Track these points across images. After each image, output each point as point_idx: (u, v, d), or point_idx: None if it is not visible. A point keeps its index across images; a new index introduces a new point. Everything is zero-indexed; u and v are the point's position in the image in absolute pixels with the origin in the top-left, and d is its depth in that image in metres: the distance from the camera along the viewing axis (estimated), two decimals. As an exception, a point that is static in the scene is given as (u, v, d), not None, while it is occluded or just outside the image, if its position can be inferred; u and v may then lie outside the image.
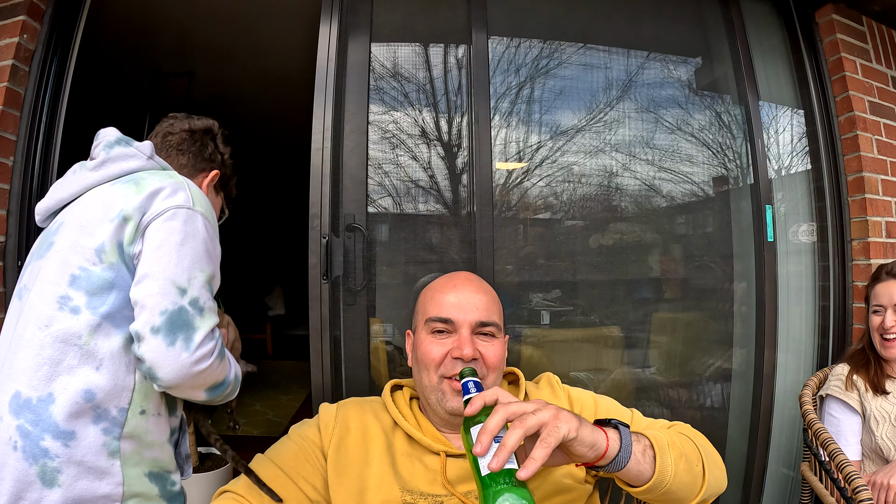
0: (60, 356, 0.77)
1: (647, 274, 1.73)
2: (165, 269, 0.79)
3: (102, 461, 0.77)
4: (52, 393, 0.76)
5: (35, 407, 0.76)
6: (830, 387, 1.47)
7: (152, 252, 0.80)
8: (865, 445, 1.41)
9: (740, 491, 1.74)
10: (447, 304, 0.90)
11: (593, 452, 0.65)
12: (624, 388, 1.70)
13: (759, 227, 1.72)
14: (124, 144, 0.92)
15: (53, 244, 0.85)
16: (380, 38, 1.55)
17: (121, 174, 0.89)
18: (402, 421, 0.89)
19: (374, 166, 1.50)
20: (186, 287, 0.79)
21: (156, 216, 0.82)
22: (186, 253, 0.81)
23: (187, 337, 0.77)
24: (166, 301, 0.77)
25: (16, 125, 1.54)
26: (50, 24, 1.59)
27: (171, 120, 1.08)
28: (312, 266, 1.42)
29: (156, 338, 0.76)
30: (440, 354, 0.87)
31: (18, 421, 0.76)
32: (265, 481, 0.81)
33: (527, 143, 1.64)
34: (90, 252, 0.81)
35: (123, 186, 0.86)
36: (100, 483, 0.77)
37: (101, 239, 0.81)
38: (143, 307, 0.78)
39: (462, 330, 0.88)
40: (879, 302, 1.46)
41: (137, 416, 0.80)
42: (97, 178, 0.89)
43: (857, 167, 1.78)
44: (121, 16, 2.31)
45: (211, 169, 1.10)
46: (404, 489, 0.82)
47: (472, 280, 0.96)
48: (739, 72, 1.77)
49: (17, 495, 0.74)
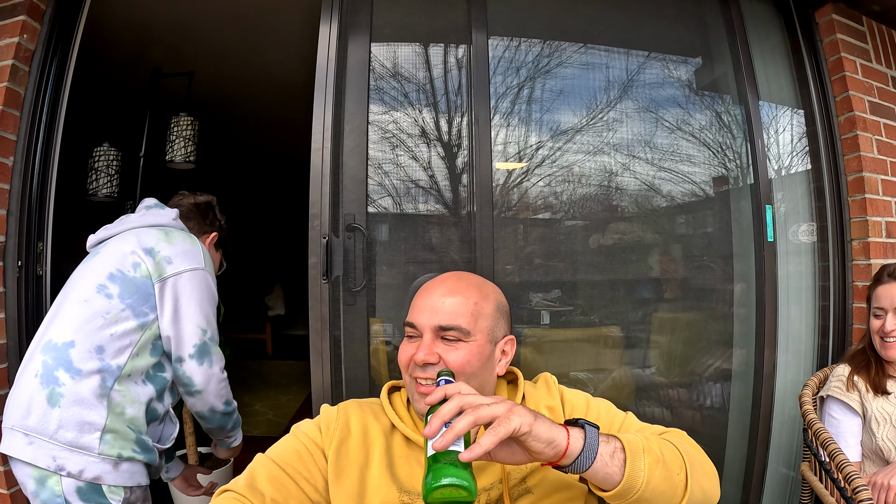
0: (90, 319, 1.11)
1: (647, 274, 1.73)
2: (194, 317, 1.21)
3: (94, 398, 1.07)
4: (74, 341, 1.09)
5: (59, 348, 1.09)
6: (831, 388, 1.47)
7: (183, 302, 1.20)
8: (866, 447, 1.41)
9: (740, 491, 1.74)
10: (415, 308, 0.91)
11: (552, 449, 0.65)
12: (624, 388, 1.70)
13: (759, 227, 1.72)
14: (160, 207, 1.37)
15: (99, 253, 1.23)
16: (380, 38, 1.55)
17: (154, 224, 1.30)
18: (399, 423, 0.89)
19: (374, 166, 1.50)
20: (206, 328, 1.23)
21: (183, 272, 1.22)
22: (205, 305, 1.24)
23: (210, 360, 1.22)
24: (195, 338, 1.20)
25: (16, 125, 1.54)
26: (50, 24, 1.59)
27: (180, 197, 1.53)
28: (312, 266, 1.42)
29: (192, 361, 1.19)
30: (407, 357, 0.88)
31: (44, 357, 1.09)
32: (266, 481, 0.81)
33: (527, 144, 1.64)
34: (128, 264, 1.18)
35: (156, 231, 1.26)
36: (89, 412, 1.06)
37: (136, 259, 1.19)
38: (181, 341, 1.19)
39: (424, 334, 0.87)
40: (880, 304, 1.44)
41: (126, 377, 1.12)
42: (137, 222, 1.29)
43: (857, 167, 1.78)
44: (121, 16, 2.31)
45: (211, 231, 1.52)
46: (402, 490, 0.82)
47: (449, 281, 0.92)
48: (739, 72, 1.77)
49: (28, 410, 1.05)
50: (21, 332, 1.53)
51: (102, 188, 2.68)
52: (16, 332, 1.52)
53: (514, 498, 0.84)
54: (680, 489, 0.72)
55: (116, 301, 1.14)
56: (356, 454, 0.85)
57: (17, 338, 1.52)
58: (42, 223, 1.61)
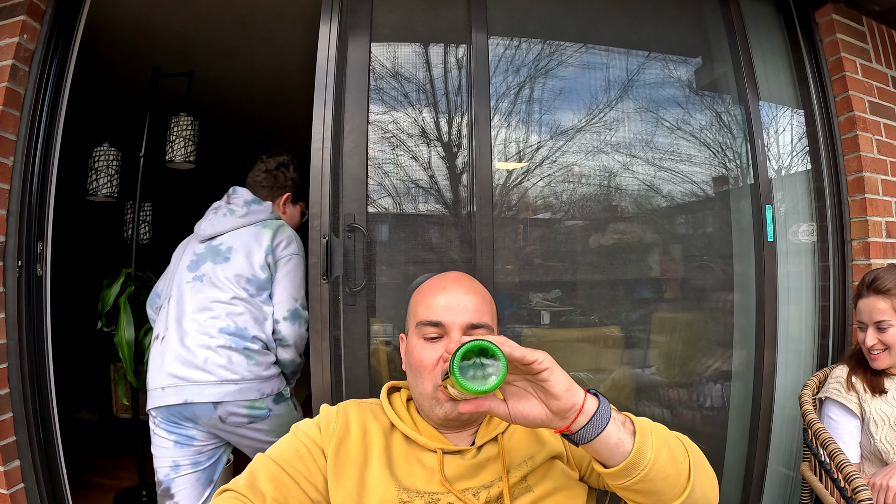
0: (244, 311, 1.53)
1: (647, 274, 1.73)
2: (288, 289, 1.59)
3: (266, 351, 1.55)
4: (247, 328, 1.52)
5: (241, 331, 1.51)
6: (829, 389, 1.47)
7: (281, 280, 1.59)
8: (864, 448, 1.41)
9: (740, 491, 1.74)
10: (437, 307, 0.88)
11: (570, 398, 0.65)
12: (624, 388, 1.70)
13: (759, 227, 1.72)
14: (256, 202, 1.70)
15: (229, 260, 1.57)
16: (380, 38, 1.55)
17: (256, 221, 1.66)
18: (399, 423, 0.89)
19: (374, 166, 1.50)
20: (297, 297, 1.60)
21: (284, 258, 1.61)
22: (297, 280, 1.61)
23: (300, 322, 1.57)
24: (290, 304, 1.58)
25: (16, 125, 1.54)
26: (50, 24, 1.59)
27: (255, 171, 1.81)
28: (312, 266, 1.43)
29: (286, 321, 1.56)
30: (433, 360, 0.85)
31: (228, 337, 1.49)
32: (266, 480, 0.81)
33: (527, 143, 1.64)
34: (256, 267, 1.57)
35: (263, 230, 1.63)
36: (265, 358, 1.54)
37: (259, 261, 1.57)
38: (279, 305, 1.57)
39: (452, 333, 0.86)
40: (861, 318, 1.42)
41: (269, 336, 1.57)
42: (244, 222, 1.64)
43: (857, 167, 1.78)
44: (121, 16, 2.31)
45: (283, 193, 1.81)
46: (401, 488, 0.82)
47: (463, 280, 0.93)
48: (739, 72, 1.77)
49: (229, 359, 1.48)
50: (21, 332, 1.53)
51: (102, 188, 2.68)
52: (16, 332, 1.52)
53: (514, 496, 0.84)
54: (683, 479, 0.70)
55: (257, 297, 1.57)
56: (355, 453, 0.85)
57: (17, 338, 1.52)
58: (42, 223, 1.61)
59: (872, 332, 1.39)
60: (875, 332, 1.38)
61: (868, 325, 1.40)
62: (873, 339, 1.38)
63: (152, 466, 1.58)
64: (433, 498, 0.82)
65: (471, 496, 0.82)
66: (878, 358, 1.39)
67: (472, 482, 0.84)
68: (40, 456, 1.56)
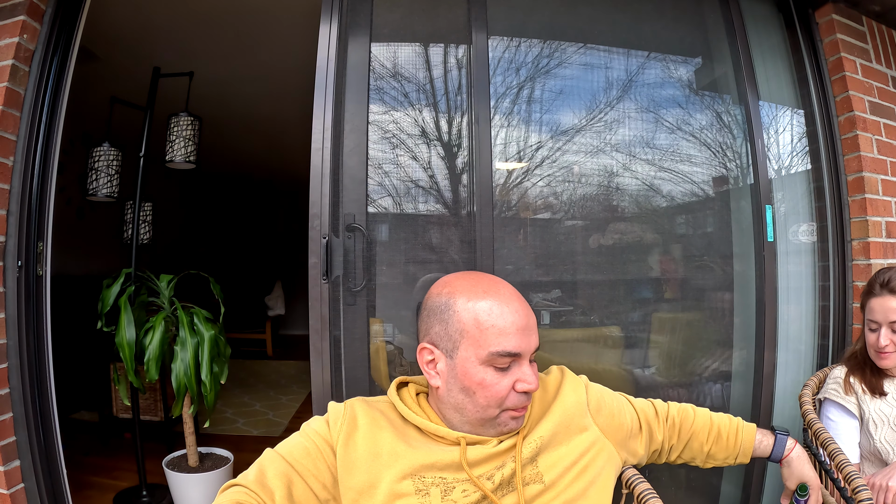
0: None
1: (647, 274, 1.73)
2: None
3: None
4: None
5: None
6: (828, 390, 1.47)
7: None
8: (864, 448, 1.41)
9: (740, 491, 1.74)
10: (513, 335, 0.82)
11: None
12: (624, 388, 1.69)
13: (759, 227, 1.72)
14: None
15: None
16: (380, 38, 1.55)
17: None
18: (412, 416, 0.89)
19: (374, 166, 1.50)
20: None
21: None
22: None
23: None
24: None
25: (16, 125, 1.54)
26: (50, 24, 1.59)
27: None
28: (312, 266, 1.42)
29: None
30: (507, 390, 0.83)
31: None
32: (276, 477, 0.81)
33: (527, 143, 1.64)
34: None
35: None
36: None
37: None
38: None
39: (525, 360, 0.83)
40: (874, 318, 1.39)
41: None
42: None
43: (857, 167, 1.78)
44: (121, 16, 2.31)
45: None
46: (416, 477, 0.83)
47: (514, 292, 0.87)
48: (739, 72, 1.77)
49: None
50: (21, 332, 1.53)
51: (102, 188, 2.68)
52: (16, 332, 1.52)
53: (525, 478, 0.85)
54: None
55: None
56: (365, 447, 0.86)
57: (17, 338, 1.52)
58: (42, 223, 1.61)
59: (887, 331, 1.36)
60: (889, 333, 1.36)
61: (881, 325, 1.38)
62: (887, 340, 1.36)
63: (152, 467, 1.58)
64: (448, 486, 0.83)
65: (485, 480, 0.83)
66: (889, 357, 1.38)
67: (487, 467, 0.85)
68: (40, 456, 1.56)
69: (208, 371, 2.12)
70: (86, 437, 3.00)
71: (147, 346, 2.11)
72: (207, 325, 2.17)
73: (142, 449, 2.31)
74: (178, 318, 2.18)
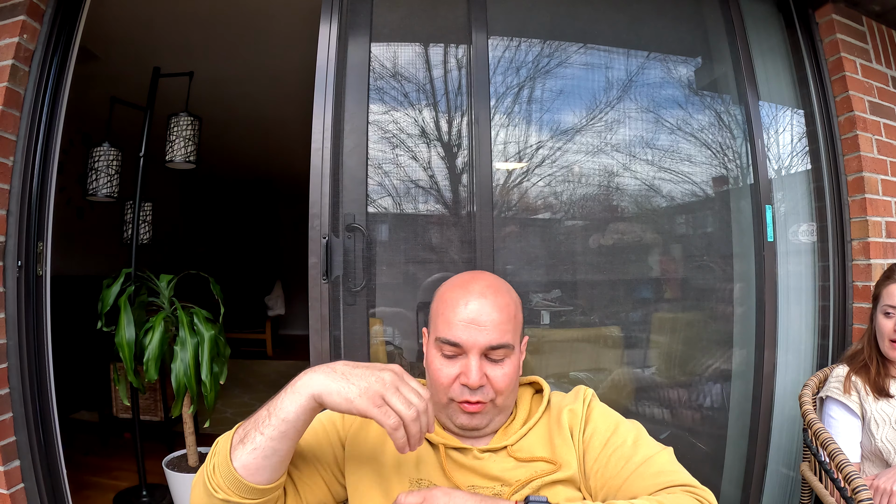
0: None
1: (647, 274, 1.73)
2: None
3: None
4: None
5: None
6: (830, 389, 1.47)
7: None
8: (865, 448, 1.41)
9: (740, 491, 1.74)
10: (457, 325, 0.82)
11: None
12: (624, 388, 1.70)
13: (759, 227, 1.72)
14: None
15: None
16: (380, 38, 1.55)
17: None
18: None
19: (374, 166, 1.50)
20: None
21: None
22: None
23: None
24: None
25: (16, 125, 1.54)
26: (50, 24, 1.59)
27: None
28: (312, 266, 1.42)
29: None
30: (449, 378, 0.83)
31: None
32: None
33: (527, 144, 1.64)
34: None
35: None
36: None
37: None
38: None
39: (471, 355, 0.82)
40: (891, 303, 1.39)
41: None
42: None
43: (857, 167, 1.78)
44: (121, 16, 2.31)
45: None
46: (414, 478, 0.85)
47: (488, 293, 0.85)
48: (739, 72, 1.77)
49: None
50: (21, 332, 1.53)
51: (102, 188, 2.68)
52: (16, 332, 1.52)
53: None
54: None
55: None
56: (372, 442, 0.87)
57: (17, 338, 1.52)
58: (42, 223, 1.61)
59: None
60: None
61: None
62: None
63: (152, 467, 1.58)
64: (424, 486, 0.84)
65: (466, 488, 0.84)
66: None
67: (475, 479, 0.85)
68: (40, 456, 1.56)
69: (208, 371, 2.12)
70: (86, 437, 3.00)
71: (147, 346, 2.11)
72: (207, 325, 2.17)
73: (142, 449, 2.31)
74: (178, 318, 2.18)
